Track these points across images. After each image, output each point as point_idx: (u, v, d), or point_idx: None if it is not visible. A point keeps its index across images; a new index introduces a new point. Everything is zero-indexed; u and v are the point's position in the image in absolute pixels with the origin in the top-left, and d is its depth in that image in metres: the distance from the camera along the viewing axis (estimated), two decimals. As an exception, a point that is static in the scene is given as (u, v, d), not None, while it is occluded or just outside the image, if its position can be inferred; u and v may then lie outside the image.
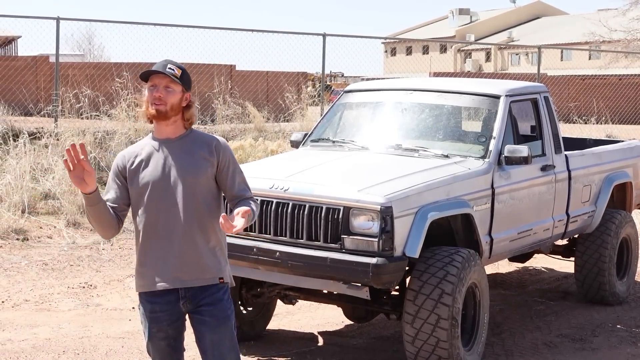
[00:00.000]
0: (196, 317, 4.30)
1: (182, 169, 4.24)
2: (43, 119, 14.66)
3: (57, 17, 14.82)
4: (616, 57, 33.88)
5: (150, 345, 4.36)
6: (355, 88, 8.48)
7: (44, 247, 10.44)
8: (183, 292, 4.26)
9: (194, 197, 4.24)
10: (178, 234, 4.22)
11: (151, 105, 4.25)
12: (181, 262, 4.23)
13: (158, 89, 4.25)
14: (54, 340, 7.32)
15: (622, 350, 7.48)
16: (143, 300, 4.33)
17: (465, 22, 73.61)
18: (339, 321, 8.09)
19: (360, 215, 6.19)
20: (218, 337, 4.28)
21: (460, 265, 6.35)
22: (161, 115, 4.25)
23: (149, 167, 4.25)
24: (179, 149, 4.28)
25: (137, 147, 4.37)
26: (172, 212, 4.22)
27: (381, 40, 67.79)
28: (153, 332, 4.31)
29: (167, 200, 4.22)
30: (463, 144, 7.51)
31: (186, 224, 4.22)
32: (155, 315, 4.29)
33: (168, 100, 4.24)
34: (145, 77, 4.30)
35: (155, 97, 4.24)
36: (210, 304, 4.27)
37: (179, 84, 4.27)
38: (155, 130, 4.35)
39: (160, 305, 4.27)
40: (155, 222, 4.24)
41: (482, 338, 6.77)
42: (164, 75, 4.25)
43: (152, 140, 4.34)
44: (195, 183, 4.24)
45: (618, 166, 9.08)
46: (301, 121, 16.54)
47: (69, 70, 19.46)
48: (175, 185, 4.22)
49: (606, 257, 8.65)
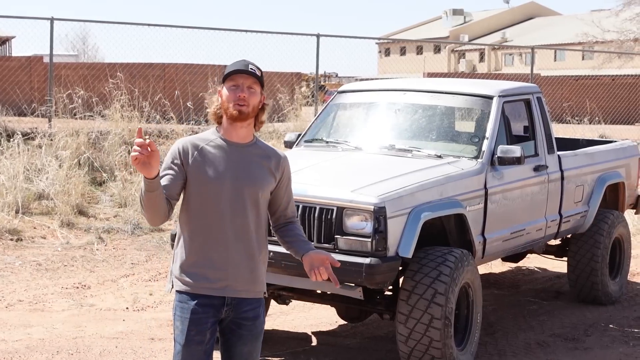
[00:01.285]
0: (232, 328, 4.18)
1: (251, 178, 4.13)
2: (37, 120, 14.63)
3: (51, 17, 14.81)
4: (609, 58, 33.99)
5: (185, 351, 4.12)
6: (348, 88, 8.50)
7: (38, 248, 10.43)
8: (229, 300, 4.14)
9: (257, 208, 4.16)
10: (239, 242, 4.12)
11: (233, 106, 4.08)
12: (236, 271, 4.12)
13: (242, 89, 4.10)
14: (47, 340, 7.32)
15: (615, 350, 7.51)
16: (184, 300, 4.14)
17: (459, 22, 73.65)
18: (333, 321, 8.11)
19: (353, 215, 6.20)
20: (248, 350, 4.21)
21: (453, 265, 6.37)
22: (242, 117, 4.10)
23: (217, 167, 4.10)
24: (249, 156, 4.16)
25: (202, 140, 4.18)
26: (236, 219, 4.10)
27: (375, 41, 67.86)
28: (191, 334, 4.11)
29: (232, 206, 4.10)
30: (456, 145, 7.53)
31: (248, 234, 4.13)
32: (197, 317, 4.11)
33: (251, 102, 4.10)
34: (224, 77, 4.16)
35: (240, 98, 4.08)
36: (251, 319, 4.18)
37: (259, 85, 4.15)
38: (226, 131, 4.17)
39: (203, 308, 4.11)
40: (216, 225, 4.10)
41: (475, 338, 6.79)
42: (248, 75, 4.11)
43: (220, 139, 4.17)
44: (260, 194, 4.15)
45: (611, 166, 9.11)
46: (295, 121, 16.55)
47: (62, 70, 19.42)
48: (242, 192, 4.11)
49: (599, 257, 8.68)
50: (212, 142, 4.17)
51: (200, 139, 4.19)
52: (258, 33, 17.91)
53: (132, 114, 14.02)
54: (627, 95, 26.84)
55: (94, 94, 14.57)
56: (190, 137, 4.24)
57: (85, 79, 17.00)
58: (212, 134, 4.21)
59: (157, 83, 19.67)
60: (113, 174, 12.64)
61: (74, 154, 12.51)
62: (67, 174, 11.93)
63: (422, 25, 78.73)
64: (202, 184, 4.11)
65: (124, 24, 16.40)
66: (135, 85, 15.44)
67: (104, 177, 12.63)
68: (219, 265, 4.12)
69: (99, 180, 12.68)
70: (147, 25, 16.39)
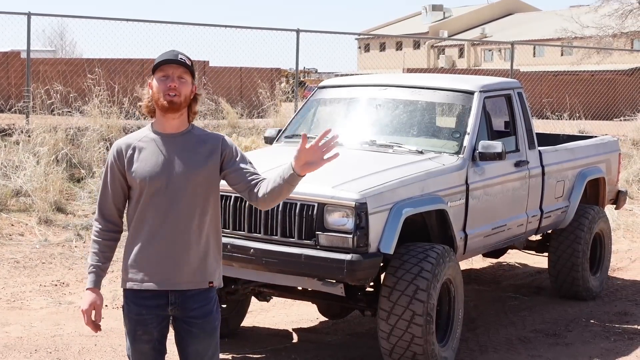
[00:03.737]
0: (183, 327, 4.15)
1: (185, 167, 4.07)
2: (14, 116, 14.50)
3: (28, 12, 14.67)
4: (588, 54, 34.10)
5: (133, 348, 4.18)
6: (329, 84, 8.46)
7: (16, 245, 10.33)
8: (173, 298, 4.10)
9: (195, 197, 4.09)
10: (178, 234, 4.07)
11: (164, 97, 4.02)
12: (175, 263, 4.08)
13: (172, 79, 4.03)
14: (25, 338, 7.25)
15: (596, 345, 7.51)
16: (129, 301, 4.15)
17: (439, 18, 73.75)
18: (314, 318, 8.08)
19: (334, 211, 6.17)
20: (203, 347, 4.18)
21: (434, 262, 6.35)
22: (174, 107, 4.04)
23: (150, 162, 4.07)
24: (182, 145, 4.11)
25: (134, 138, 4.16)
26: (172, 211, 4.06)
27: (355, 37, 67.69)
28: (138, 334, 4.14)
29: (168, 198, 4.06)
30: (437, 140, 7.51)
31: (185, 225, 4.08)
32: (141, 318, 4.12)
33: (182, 91, 4.04)
34: (154, 69, 4.10)
35: (171, 88, 4.01)
36: (200, 317, 4.13)
37: (190, 75, 4.09)
38: (158, 123, 4.13)
39: (147, 309, 4.11)
40: (152, 220, 4.08)
41: (456, 334, 6.78)
42: (178, 64, 4.04)
43: (153, 134, 4.13)
44: (197, 182, 4.08)
45: (591, 162, 9.13)
46: (275, 117, 16.49)
47: (40, 66, 19.25)
48: (177, 183, 4.06)
49: (579, 252, 8.69)
50: (146, 137, 4.14)
51: (134, 137, 4.18)
52: (237, 28, 17.86)
53: (110, 110, 13.92)
54: (606, 90, 26.93)
55: (72, 90, 14.46)
56: (125, 137, 4.23)
57: (63, 74, 16.83)
58: (147, 129, 4.19)
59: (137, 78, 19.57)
60: (91, 171, 12.55)
61: (51, 151, 12.41)
62: (45, 171, 11.83)
63: (401, 21, 78.84)
64: (139, 181, 4.08)
65: (102, 19, 16.27)
66: (114, 81, 15.33)
67: (82, 174, 12.53)
68: (159, 258, 4.10)
69: (77, 176, 12.59)
70: (126, 20, 16.28)
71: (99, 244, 4.20)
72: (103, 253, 4.19)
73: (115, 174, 4.14)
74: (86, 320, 4.14)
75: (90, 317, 4.14)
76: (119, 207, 4.19)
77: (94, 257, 4.19)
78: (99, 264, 4.18)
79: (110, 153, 4.16)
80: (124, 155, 4.11)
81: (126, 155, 4.11)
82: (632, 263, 11.00)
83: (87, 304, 4.13)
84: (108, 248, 4.21)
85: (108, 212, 4.18)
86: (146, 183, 4.07)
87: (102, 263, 4.18)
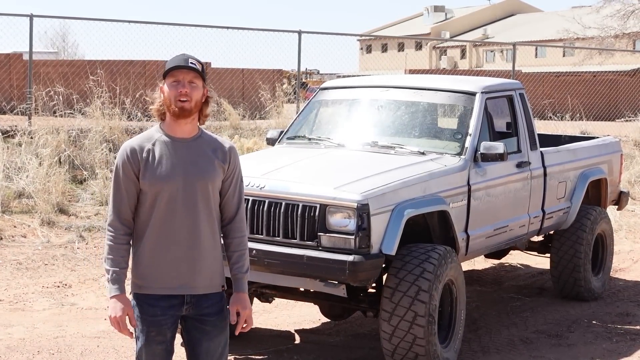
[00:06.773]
0: (195, 324, 4.16)
1: (199, 173, 4.07)
2: (16, 117, 14.52)
3: (30, 14, 14.68)
4: (590, 54, 34.08)
5: (146, 350, 4.14)
6: (330, 85, 8.47)
7: (18, 247, 10.34)
8: (189, 298, 4.11)
9: (208, 202, 4.10)
10: (192, 239, 4.08)
11: (175, 103, 4.03)
12: (192, 268, 4.09)
13: (183, 85, 4.04)
14: (28, 340, 7.26)
15: (598, 346, 7.51)
16: (142, 303, 4.13)
17: (441, 19, 73.78)
18: (316, 319, 8.08)
19: (336, 212, 6.17)
20: (214, 345, 4.21)
21: (436, 262, 6.35)
22: (185, 114, 4.04)
23: (164, 166, 4.05)
24: (195, 151, 4.10)
25: (146, 140, 4.13)
26: (187, 217, 4.06)
27: (357, 38, 67.70)
28: (152, 335, 4.11)
29: (182, 203, 4.05)
30: (439, 141, 7.51)
31: (200, 230, 4.08)
32: (156, 319, 4.10)
33: (193, 96, 4.04)
34: (165, 74, 4.10)
35: (182, 94, 4.01)
36: (214, 314, 4.16)
37: (201, 79, 4.09)
38: (169, 127, 4.11)
39: (162, 309, 4.10)
40: (167, 225, 4.06)
41: (458, 335, 6.78)
42: (189, 69, 4.05)
43: (164, 137, 4.11)
44: (210, 188, 4.09)
45: (593, 162, 9.12)
46: (277, 119, 16.49)
47: (42, 68, 19.30)
48: (191, 188, 4.06)
49: (581, 253, 8.69)
50: (158, 140, 4.12)
51: (145, 138, 4.14)
52: (239, 30, 17.87)
53: (113, 111, 13.93)
54: (608, 91, 26.93)
55: (74, 92, 14.47)
56: (134, 139, 4.18)
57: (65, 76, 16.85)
58: (156, 131, 4.16)
59: (139, 80, 19.59)
60: (94, 172, 12.55)
61: (54, 152, 12.41)
62: (48, 172, 11.83)
63: (403, 22, 78.86)
64: (153, 184, 4.06)
65: (104, 20, 16.29)
66: (116, 83, 15.34)
67: (85, 175, 12.54)
68: (173, 264, 4.09)
69: (80, 178, 12.59)
70: (128, 22, 16.29)
71: (119, 249, 4.13)
72: (123, 257, 4.14)
73: (129, 175, 4.09)
74: (120, 328, 4.10)
75: (125, 324, 4.10)
76: (133, 210, 4.14)
77: (114, 263, 4.11)
78: (122, 269, 4.13)
79: (121, 155, 4.12)
80: (138, 156, 4.07)
81: (141, 156, 4.07)
82: (634, 264, 10.99)
83: (120, 311, 4.08)
84: (127, 252, 4.17)
85: (125, 215, 4.12)
86: (161, 187, 4.05)
87: (124, 268, 4.14)
